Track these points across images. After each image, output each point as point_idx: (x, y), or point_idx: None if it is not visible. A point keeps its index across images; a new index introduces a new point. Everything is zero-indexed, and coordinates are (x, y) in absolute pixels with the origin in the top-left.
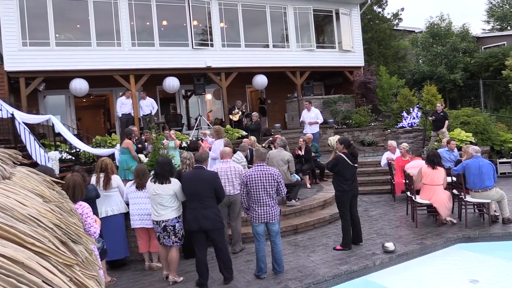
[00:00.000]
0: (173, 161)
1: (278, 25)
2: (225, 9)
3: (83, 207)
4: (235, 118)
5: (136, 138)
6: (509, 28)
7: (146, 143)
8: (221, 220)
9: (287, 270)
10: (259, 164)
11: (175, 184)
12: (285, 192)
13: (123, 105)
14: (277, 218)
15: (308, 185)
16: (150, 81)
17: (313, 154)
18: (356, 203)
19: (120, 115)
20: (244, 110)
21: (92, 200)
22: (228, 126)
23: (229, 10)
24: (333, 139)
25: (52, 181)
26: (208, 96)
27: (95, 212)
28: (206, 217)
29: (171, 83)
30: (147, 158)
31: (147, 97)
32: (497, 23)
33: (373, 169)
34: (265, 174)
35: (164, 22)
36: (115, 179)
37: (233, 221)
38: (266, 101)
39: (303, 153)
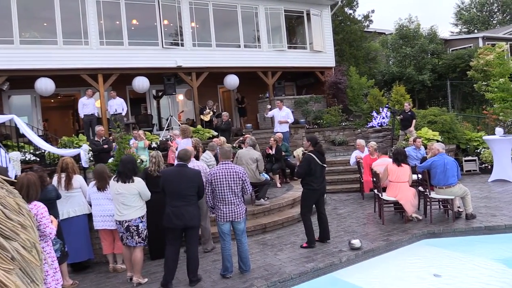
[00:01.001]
0: (140, 160)
1: (250, 25)
2: (196, 8)
3: (38, 207)
4: (206, 118)
5: (103, 138)
6: (476, 31)
7: (114, 143)
8: (200, 218)
9: (253, 269)
10: (224, 162)
11: (138, 183)
12: (251, 190)
13: (84, 106)
14: (242, 217)
15: (278, 184)
16: (120, 80)
17: (283, 153)
18: (323, 201)
19: (82, 116)
20: (215, 110)
21: (51, 200)
22: (199, 126)
23: (200, 9)
24: (299, 151)
25: (1, 180)
26: (180, 97)
27: (55, 213)
28: (191, 215)
29: (141, 83)
30: (113, 158)
31: (117, 97)
32: (464, 27)
33: (342, 168)
34: (230, 172)
35: (134, 21)
36: (77, 179)
37: (202, 220)
38: (244, 100)
39: (273, 152)
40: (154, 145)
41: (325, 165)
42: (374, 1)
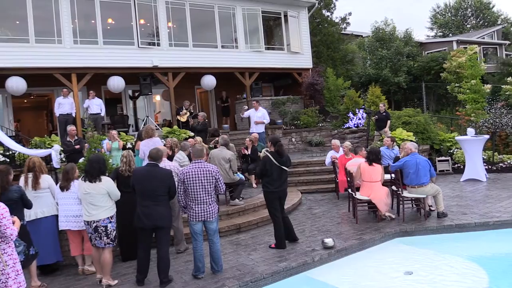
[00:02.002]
0: (111, 160)
1: (227, 25)
2: (172, 8)
3: None
4: (183, 119)
5: (76, 138)
6: (450, 35)
7: (86, 144)
8: (171, 219)
9: (226, 269)
10: (196, 161)
11: (106, 182)
12: (224, 189)
13: (60, 105)
14: (215, 216)
15: (254, 185)
16: (94, 80)
17: (259, 153)
18: (283, 204)
19: (57, 115)
20: (192, 111)
21: (14, 201)
22: (175, 127)
23: (176, 9)
24: (264, 151)
25: None
26: (157, 98)
27: (19, 214)
28: (161, 215)
29: (116, 83)
30: (83, 158)
31: (96, 97)
32: (440, 30)
33: (318, 168)
34: (203, 171)
35: (110, 20)
36: (45, 179)
37: (175, 221)
38: (228, 100)
39: (249, 152)
40: (129, 145)
41: (284, 167)
42: (351, 4)
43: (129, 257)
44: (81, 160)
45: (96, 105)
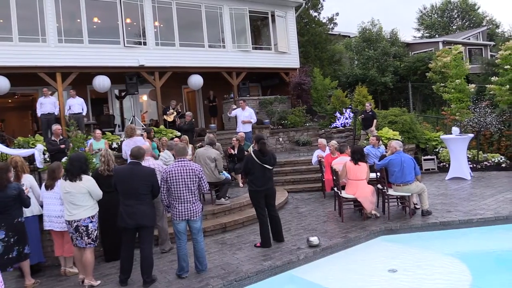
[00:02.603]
0: (95, 160)
1: (214, 25)
2: (159, 7)
3: None
4: (170, 118)
5: (61, 138)
6: (437, 36)
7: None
8: (155, 218)
9: (210, 268)
10: (179, 160)
11: (87, 181)
12: (207, 188)
13: (42, 105)
14: (198, 215)
15: (241, 184)
16: (80, 79)
17: (246, 153)
18: (273, 203)
19: (39, 115)
20: (179, 110)
21: (12, 198)
22: (162, 127)
23: (163, 8)
24: (251, 149)
25: None
26: (144, 97)
27: (17, 211)
28: (144, 214)
29: (101, 82)
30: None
31: (77, 96)
32: (426, 31)
33: (305, 167)
34: (186, 169)
35: (95, 19)
36: (27, 179)
37: (159, 221)
38: (215, 99)
39: (235, 152)
40: (115, 145)
41: (267, 166)
42: (339, 4)
43: (112, 257)
44: (63, 159)
45: (78, 104)
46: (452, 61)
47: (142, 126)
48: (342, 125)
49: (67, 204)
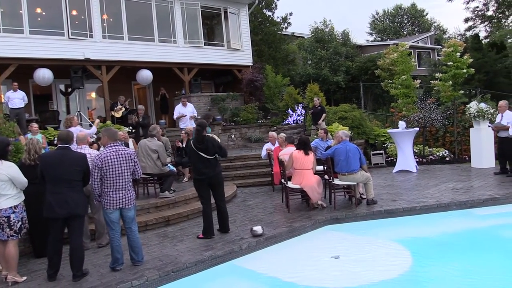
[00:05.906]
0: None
1: (165, 20)
2: (106, 0)
3: None
4: (118, 114)
5: None
6: (388, 40)
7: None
8: (87, 206)
9: (148, 260)
10: (112, 144)
11: (8, 168)
12: (141, 173)
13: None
14: (132, 203)
15: (186, 178)
16: (21, 73)
17: None
18: (220, 193)
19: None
20: (128, 107)
21: None
22: (108, 122)
23: (111, 1)
24: None
25: None
26: (93, 95)
27: None
28: (77, 202)
29: (42, 74)
30: None
31: (18, 90)
32: (378, 36)
33: (255, 162)
34: (121, 154)
35: (38, 10)
36: None
37: (96, 213)
38: (166, 96)
39: (183, 145)
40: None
41: (202, 154)
42: (293, 7)
43: (42, 253)
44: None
45: (19, 99)
46: (399, 58)
47: (89, 123)
48: (294, 121)
49: None
